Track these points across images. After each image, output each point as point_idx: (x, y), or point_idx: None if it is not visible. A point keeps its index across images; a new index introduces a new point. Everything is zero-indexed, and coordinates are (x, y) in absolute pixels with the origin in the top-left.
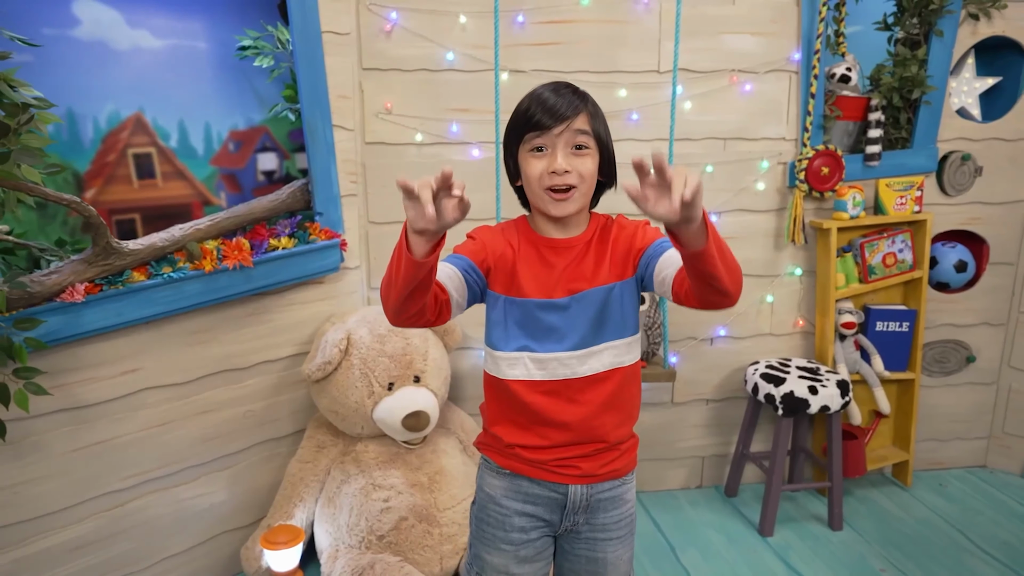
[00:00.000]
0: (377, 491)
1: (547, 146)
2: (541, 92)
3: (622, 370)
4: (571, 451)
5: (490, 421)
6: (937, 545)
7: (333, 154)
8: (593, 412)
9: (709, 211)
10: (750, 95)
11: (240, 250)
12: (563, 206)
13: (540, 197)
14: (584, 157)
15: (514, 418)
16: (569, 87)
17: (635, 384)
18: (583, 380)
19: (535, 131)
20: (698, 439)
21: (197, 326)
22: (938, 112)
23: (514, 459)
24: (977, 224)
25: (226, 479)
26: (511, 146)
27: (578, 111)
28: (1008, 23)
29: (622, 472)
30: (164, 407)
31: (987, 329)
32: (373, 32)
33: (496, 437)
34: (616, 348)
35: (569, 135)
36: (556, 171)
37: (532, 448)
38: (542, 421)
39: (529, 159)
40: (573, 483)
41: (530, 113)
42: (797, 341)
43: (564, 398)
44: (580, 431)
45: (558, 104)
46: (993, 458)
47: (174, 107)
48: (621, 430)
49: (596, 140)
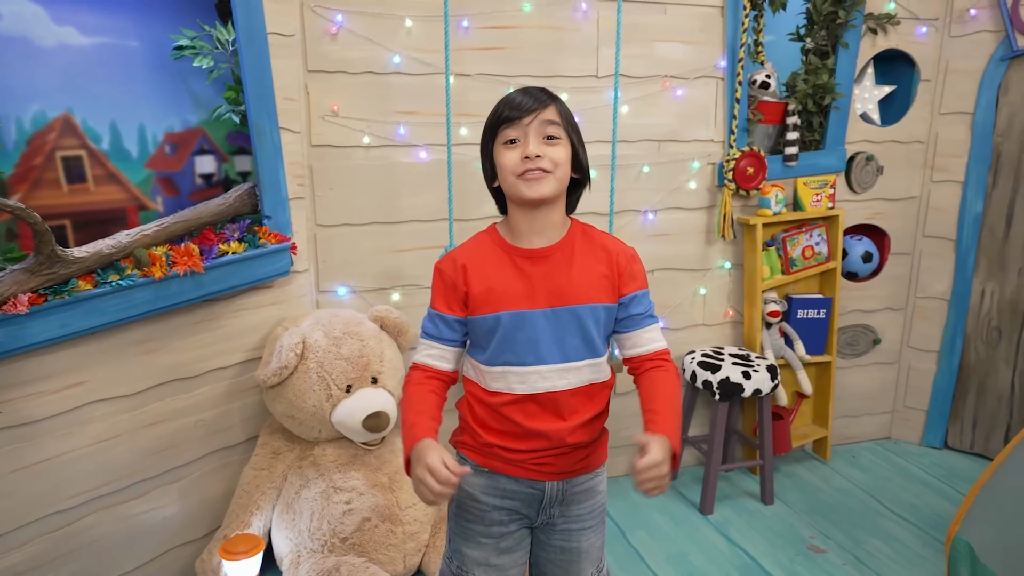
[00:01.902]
0: (338, 494)
1: (519, 137)
2: (511, 93)
3: (599, 385)
4: (547, 453)
5: (469, 420)
6: (855, 511)
7: (281, 157)
8: (572, 425)
9: (646, 209)
10: (681, 100)
11: (190, 255)
12: (537, 186)
13: (514, 185)
14: (556, 146)
15: (494, 424)
16: (539, 88)
17: (609, 394)
18: (564, 394)
19: (507, 123)
20: (640, 427)
21: (145, 335)
22: (845, 117)
23: (492, 457)
24: (880, 218)
25: (178, 491)
26: (487, 147)
27: (547, 103)
28: (901, 37)
29: (595, 465)
30: (111, 420)
31: (890, 313)
32: (318, 34)
33: (474, 436)
34: (594, 365)
35: (539, 125)
36: (529, 156)
37: (510, 449)
38: (522, 431)
39: (503, 151)
40: (549, 480)
41: (500, 110)
42: (727, 330)
43: (545, 412)
44: (558, 439)
45: (526, 99)
46: (896, 430)
47: (105, 108)
48: (595, 433)
49: (567, 131)
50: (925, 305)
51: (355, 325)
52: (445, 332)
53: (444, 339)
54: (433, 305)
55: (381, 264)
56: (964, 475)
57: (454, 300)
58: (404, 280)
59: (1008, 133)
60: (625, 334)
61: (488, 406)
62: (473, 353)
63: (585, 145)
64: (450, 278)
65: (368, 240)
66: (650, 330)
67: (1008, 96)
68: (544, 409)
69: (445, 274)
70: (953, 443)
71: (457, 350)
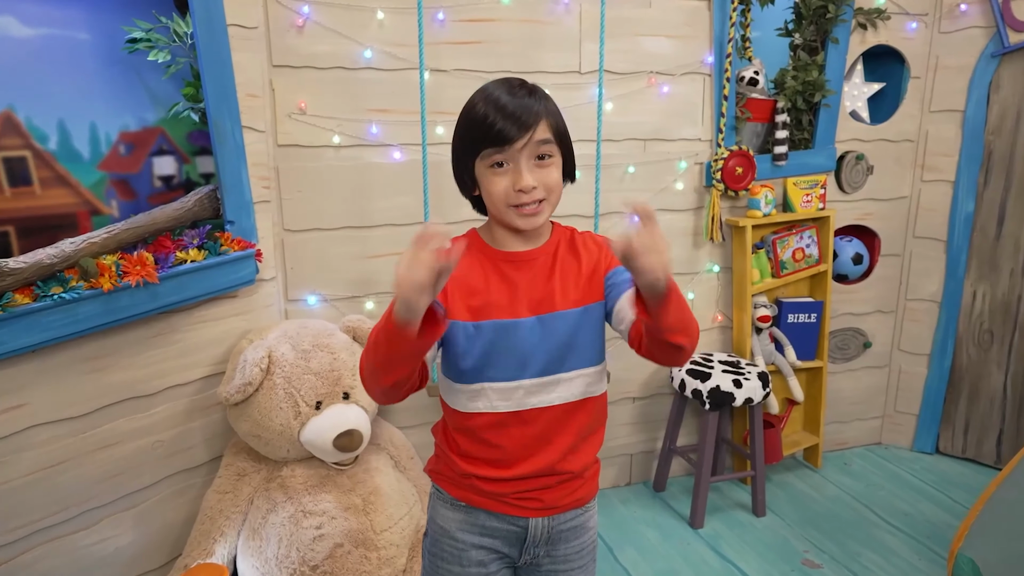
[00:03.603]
0: (308, 518)
1: (508, 161)
2: (496, 95)
3: (593, 400)
4: (533, 483)
5: (445, 448)
6: (849, 521)
7: (244, 157)
8: (562, 447)
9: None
10: (667, 97)
11: (143, 265)
12: (533, 220)
13: (506, 214)
14: (549, 168)
15: (474, 450)
16: (524, 87)
17: (605, 414)
18: (551, 411)
19: (494, 146)
20: (626, 437)
21: (94, 351)
22: (835, 114)
23: (470, 490)
24: (870, 219)
25: (133, 519)
26: (464, 160)
27: (539, 117)
28: (891, 33)
29: (585, 500)
30: (56, 445)
31: (880, 316)
32: (283, 26)
33: (451, 465)
34: (587, 376)
35: (532, 147)
36: (523, 189)
37: (491, 480)
38: (506, 455)
39: (489, 176)
40: (534, 516)
41: (488, 123)
42: (716, 336)
43: (532, 433)
44: (546, 466)
45: (517, 112)
46: (887, 435)
47: (52, 105)
48: (587, 459)
49: (558, 144)
50: (916, 307)
51: (325, 337)
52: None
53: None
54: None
55: (353, 271)
56: (956, 481)
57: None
58: (378, 287)
59: (999, 131)
60: (618, 303)
61: (466, 431)
62: (447, 371)
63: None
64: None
65: (339, 246)
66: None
67: (999, 93)
68: (531, 430)
69: None
70: (945, 448)
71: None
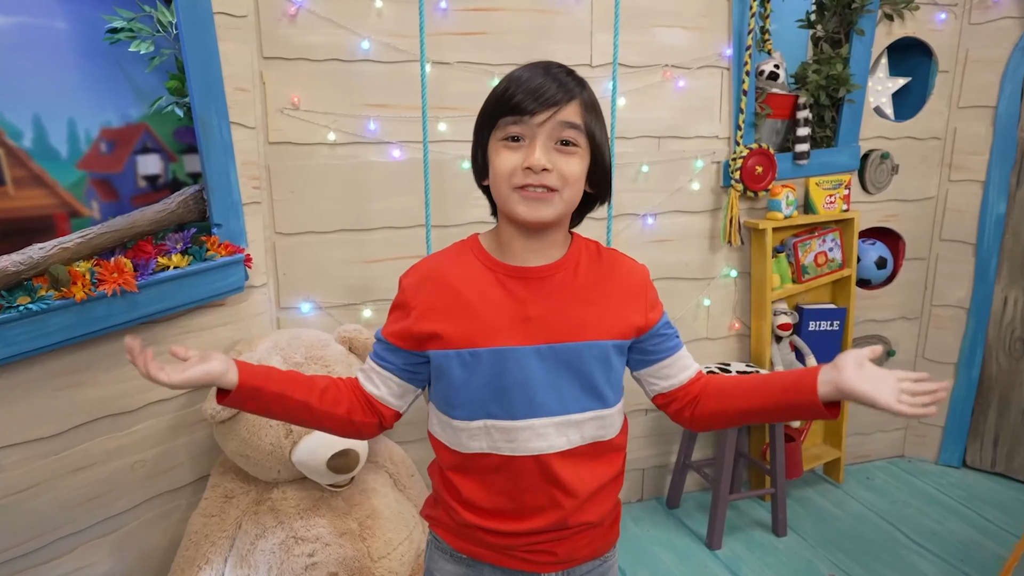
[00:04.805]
0: (300, 545)
1: (525, 136)
2: (524, 72)
3: (608, 444)
4: (546, 535)
5: (443, 493)
6: (875, 542)
7: (232, 156)
8: (578, 496)
9: (645, 212)
10: (683, 91)
11: (121, 272)
12: (538, 208)
13: (508, 197)
14: (570, 156)
15: (477, 498)
16: (563, 68)
17: (624, 455)
18: (564, 457)
19: (512, 115)
20: (638, 451)
21: (67, 366)
22: (860, 110)
23: (473, 542)
24: (894, 221)
25: (111, 545)
26: (481, 135)
27: (571, 97)
28: (919, 25)
29: (604, 550)
30: (26, 468)
31: (904, 323)
32: (275, 15)
33: (451, 513)
34: (602, 419)
35: (554, 127)
36: (532, 167)
37: (497, 533)
38: (512, 507)
39: (500, 150)
40: (546, 571)
41: (509, 94)
42: (733, 344)
43: (542, 481)
44: (560, 518)
45: (546, 86)
46: (910, 447)
47: (27, 99)
48: (606, 507)
49: (588, 139)
50: (941, 314)
51: (319, 348)
52: (385, 358)
53: (381, 364)
54: (383, 329)
55: (350, 277)
56: (986, 497)
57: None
58: (376, 294)
59: None
60: (654, 366)
61: (466, 473)
62: (441, 405)
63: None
64: (406, 307)
65: (335, 250)
66: (684, 356)
67: None
68: (540, 478)
69: (402, 303)
70: (972, 462)
71: (396, 381)
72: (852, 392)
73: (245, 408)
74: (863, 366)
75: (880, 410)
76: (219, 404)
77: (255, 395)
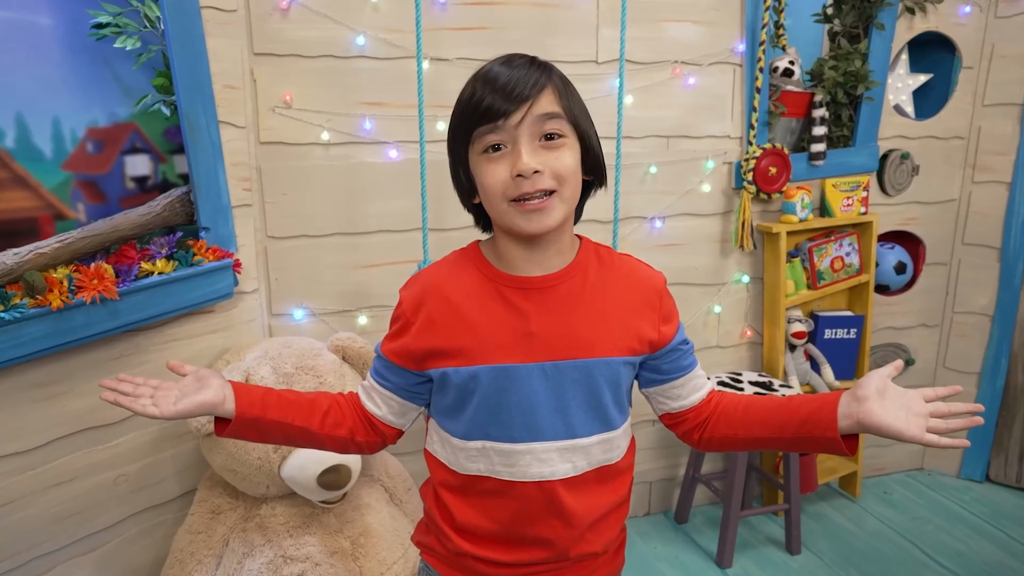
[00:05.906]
0: (289, 564)
1: (505, 142)
2: (488, 68)
3: (614, 469)
4: (544, 567)
5: (436, 517)
6: (895, 562)
7: (221, 156)
8: (580, 524)
9: (653, 215)
10: (693, 89)
11: (101, 278)
12: (540, 218)
13: (506, 213)
14: (559, 150)
15: (471, 524)
16: (524, 58)
17: (630, 479)
18: (567, 484)
19: (486, 123)
20: (646, 463)
21: (44, 377)
22: (879, 109)
23: (466, 572)
24: (914, 224)
25: (92, 563)
26: (458, 152)
27: (542, 85)
28: (942, 18)
29: None
30: (2, 484)
31: (923, 331)
32: (266, 10)
33: (443, 540)
34: (608, 442)
35: (533, 122)
36: (522, 173)
37: (492, 563)
38: (509, 535)
39: (483, 164)
40: None
41: (476, 99)
42: (744, 352)
43: (543, 508)
44: (561, 549)
45: (511, 81)
46: (930, 460)
47: (9, 98)
48: (611, 535)
49: (572, 125)
50: (964, 321)
51: (310, 358)
52: (384, 375)
53: (381, 383)
54: (382, 344)
55: (344, 282)
56: (1013, 515)
57: (404, 353)
58: (372, 300)
59: None
60: (665, 385)
61: (461, 496)
62: (440, 420)
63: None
64: (405, 323)
65: (329, 254)
66: (697, 375)
67: None
68: (542, 505)
69: (400, 318)
70: (996, 476)
71: (397, 401)
72: (876, 428)
73: (245, 438)
74: (885, 394)
75: (907, 442)
76: (218, 436)
77: (254, 425)
